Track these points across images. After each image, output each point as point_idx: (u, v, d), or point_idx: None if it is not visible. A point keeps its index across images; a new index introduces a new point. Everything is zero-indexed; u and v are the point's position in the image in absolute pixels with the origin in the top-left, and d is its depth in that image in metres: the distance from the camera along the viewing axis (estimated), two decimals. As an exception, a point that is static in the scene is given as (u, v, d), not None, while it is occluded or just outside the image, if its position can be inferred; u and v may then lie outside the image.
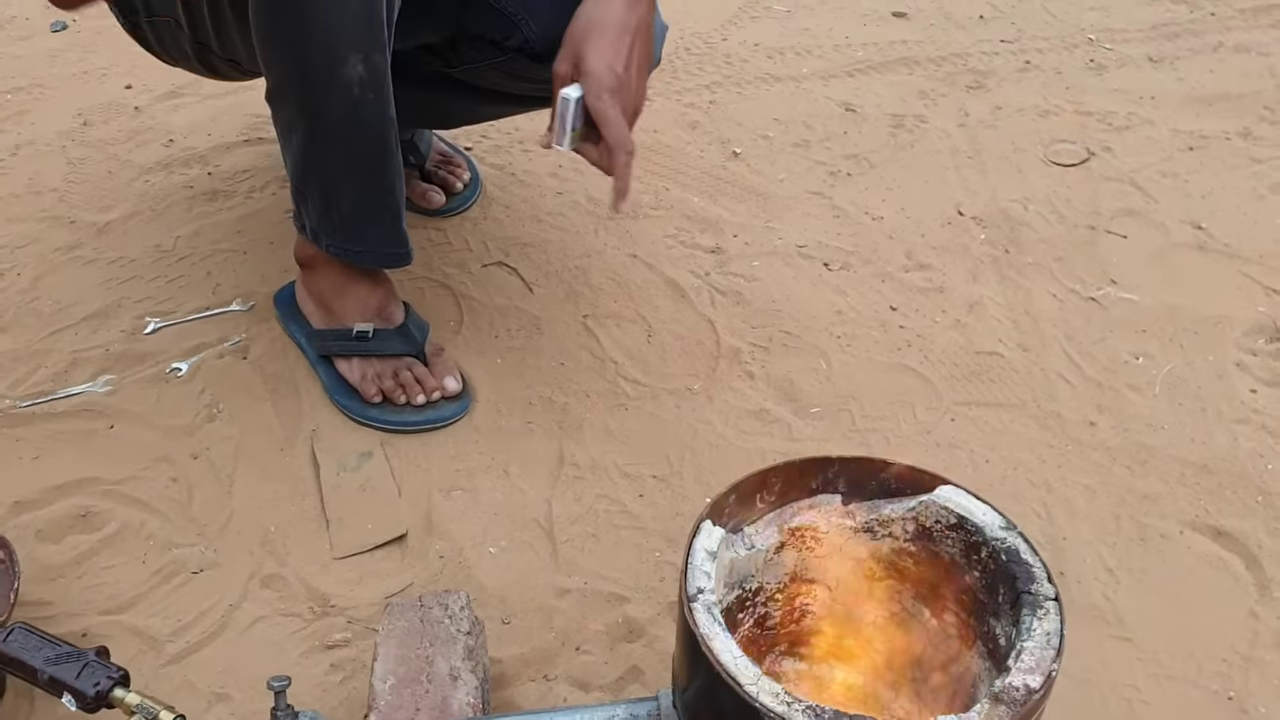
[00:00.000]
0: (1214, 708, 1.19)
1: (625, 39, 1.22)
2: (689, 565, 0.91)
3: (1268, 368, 1.57)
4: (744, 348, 1.59)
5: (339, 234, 1.39)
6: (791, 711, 0.81)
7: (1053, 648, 0.85)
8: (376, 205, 1.37)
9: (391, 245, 1.41)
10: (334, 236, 1.39)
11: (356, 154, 1.31)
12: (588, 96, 1.22)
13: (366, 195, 1.35)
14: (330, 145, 1.30)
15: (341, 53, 1.21)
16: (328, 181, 1.35)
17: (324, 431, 1.46)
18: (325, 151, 1.31)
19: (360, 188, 1.35)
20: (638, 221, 1.79)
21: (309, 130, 1.29)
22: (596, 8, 1.24)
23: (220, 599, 1.26)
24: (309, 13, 1.19)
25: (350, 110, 1.26)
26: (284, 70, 1.26)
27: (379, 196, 1.36)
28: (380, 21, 1.21)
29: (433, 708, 0.99)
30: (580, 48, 1.23)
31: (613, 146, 1.23)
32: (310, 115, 1.28)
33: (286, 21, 1.21)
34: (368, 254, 1.42)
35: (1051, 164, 1.94)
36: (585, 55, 1.22)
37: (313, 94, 1.25)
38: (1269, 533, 1.36)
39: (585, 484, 1.40)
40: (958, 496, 0.97)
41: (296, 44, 1.22)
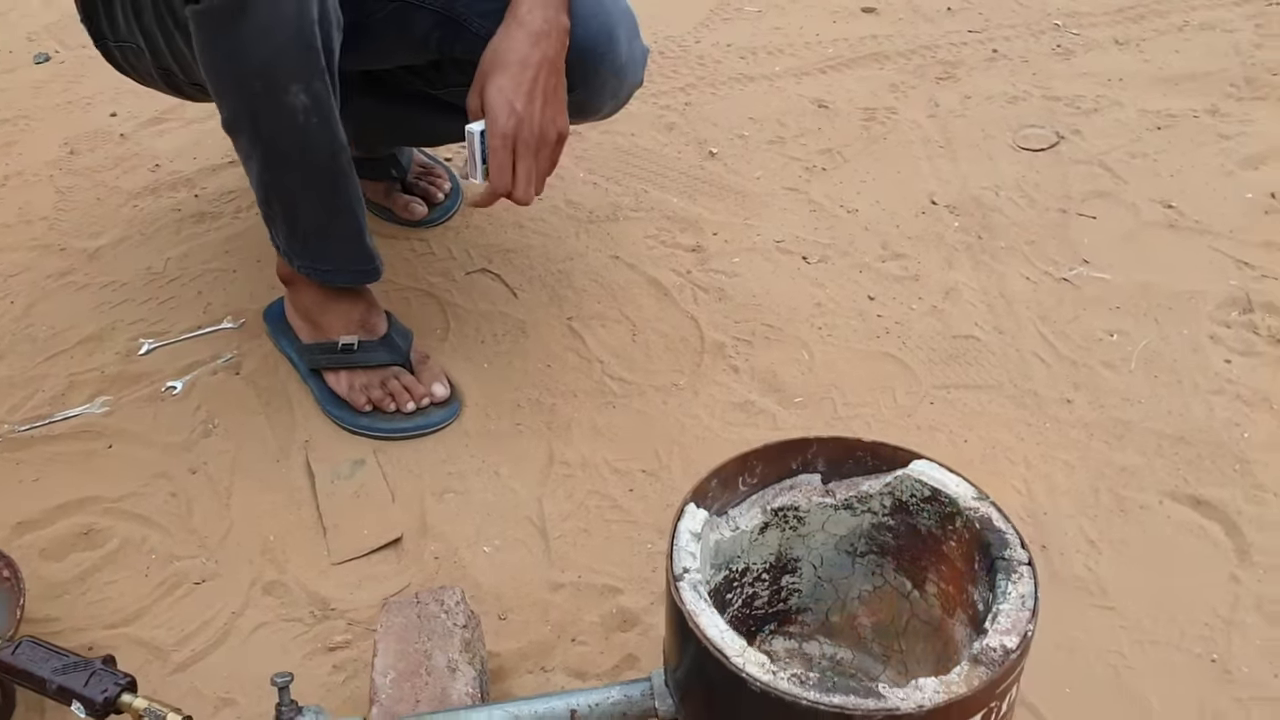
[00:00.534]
0: (1198, 670, 1.22)
1: (527, 73, 1.27)
2: (674, 546, 0.94)
3: (1241, 339, 1.61)
4: (727, 342, 1.62)
5: (307, 255, 1.43)
6: (777, 680, 0.84)
7: (1028, 609, 0.88)
8: (338, 226, 1.41)
9: (358, 263, 1.45)
10: (303, 257, 1.43)
11: (311, 179, 1.35)
12: (487, 132, 1.28)
13: (327, 217, 1.39)
14: (285, 172, 1.34)
15: (282, 82, 1.24)
16: (288, 206, 1.39)
17: (317, 442, 1.48)
18: (281, 178, 1.35)
19: (319, 211, 1.39)
20: (618, 223, 1.82)
21: (263, 158, 1.33)
22: (502, 43, 1.29)
23: (223, 607, 1.29)
24: (243, 46, 1.22)
25: (299, 138, 1.29)
26: (232, 102, 1.29)
27: (339, 218, 1.40)
28: (316, 49, 1.24)
29: (433, 698, 1.02)
30: (484, 83, 1.28)
31: (491, 184, 1.29)
32: (262, 144, 1.32)
33: (224, 56, 1.24)
34: (336, 273, 1.45)
35: (1021, 149, 1.97)
36: (486, 91, 1.27)
37: (261, 124, 1.29)
38: (1248, 499, 1.39)
39: (576, 481, 1.43)
40: (931, 470, 1.00)
41: (237, 77, 1.25)
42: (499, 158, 1.28)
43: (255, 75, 1.24)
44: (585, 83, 1.40)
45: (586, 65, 1.39)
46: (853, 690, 0.83)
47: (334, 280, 1.46)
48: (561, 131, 1.33)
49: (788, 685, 0.84)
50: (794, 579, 1.10)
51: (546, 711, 0.98)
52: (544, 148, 1.31)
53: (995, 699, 0.85)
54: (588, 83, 1.41)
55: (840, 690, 0.83)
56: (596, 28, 1.39)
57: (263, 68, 1.23)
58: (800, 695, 0.83)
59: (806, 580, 1.10)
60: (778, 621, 1.13)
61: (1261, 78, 2.12)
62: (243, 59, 1.23)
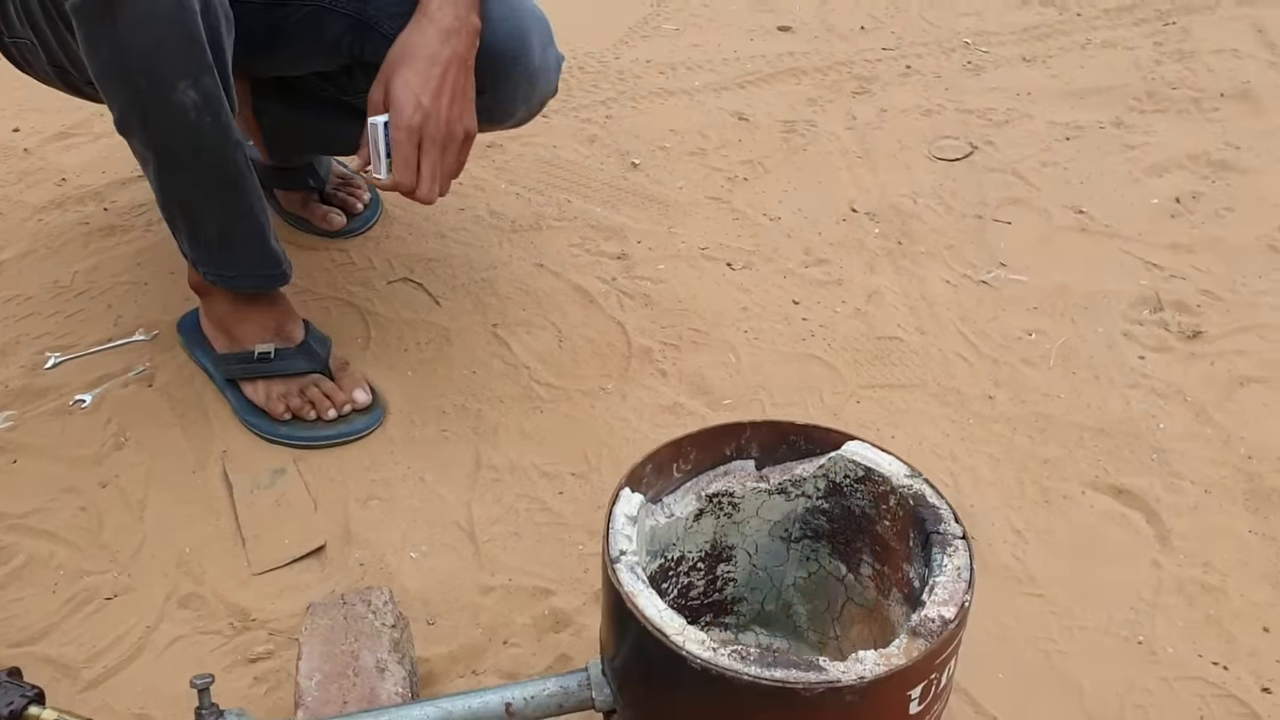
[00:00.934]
0: (1126, 652, 1.24)
1: (435, 69, 1.26)
2: (610, 530, 0.93)
3: (1154, 335, 1.65)
4: (655, 347, 1.61)
5: (211, 261, 1.39)
6: (718, 656, 0.83)
7: (964, 580, 0.88)
8: (239, 230, 1.37)
9: (264, 267, 1.42)
10: (208, 264, 1.40)
11: (207, 180, 1.31)
12: (391, 126, 1.26)
13: (226, 220, 1.36)
14: (180, 173, 1.30)
15: (168, 79, 1.20)
16: (186, 209, 1.35)
17: (235, 452, 1.44)
18: (177, 180, 1.31)
19: (218, 213, 1.35)
20: (542, 232, 1.81)
21: (157, 160, 1.29)
22: (411, 38, 1.27)
23: (137, 622, 1.24)
24: (123, 40, 1.18)
25: (190, 137, 1.25)
26: (119, 101, 1.24)
27: (239, 221, 1.36)
28: (201, 43, 1.20)
29: (361, 699, 0.99)
30: (390, 76, 1.26)
31: (395, 179, 1.27)
32: (154, 146, 1.28)
33: (107, 51, 1.20)
34: (242, 278, 1.42)
35: (937, 159, 2.01)
36: (392, 84, 1.26)
37: (151, 124, 1.25)
38: (1166, 487, 1.42)
39: (504, 485, 1.40)
40: (864, 450, 1.00)
41: (122, 73, 1.21)
42: (403, 151, 1.26)
43: (139, 71, 1.20)
44: (495, 86, 1.39)
45: (498, 68, 1.38)
46: (794, 664, 0.82)
47: (240, 286, 1.42)
48: (469, 130, 1.31)
49: (728, 661, 0.82)
50: (729, 568, 1.09)
51: (480, 706, 0.95)
52: (450, 145, 1.29)
53: (935, 670, 0.85)
54: (498, 86, 1.40)
55: (781, 665, 0.82)
56: (509, 31, 1.38)
57: (145, 62, 1.19)
58: (741, 670, 0.82)
59: (742, 569, 1.09)
60: (713, 612, 1.11)
61: (1162, 91, 2.19)
62: (124, 54, 1.19)
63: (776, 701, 0.82)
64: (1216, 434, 1.49)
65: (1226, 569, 1.32)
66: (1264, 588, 1.30)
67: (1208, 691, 1.19)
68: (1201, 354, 1.60)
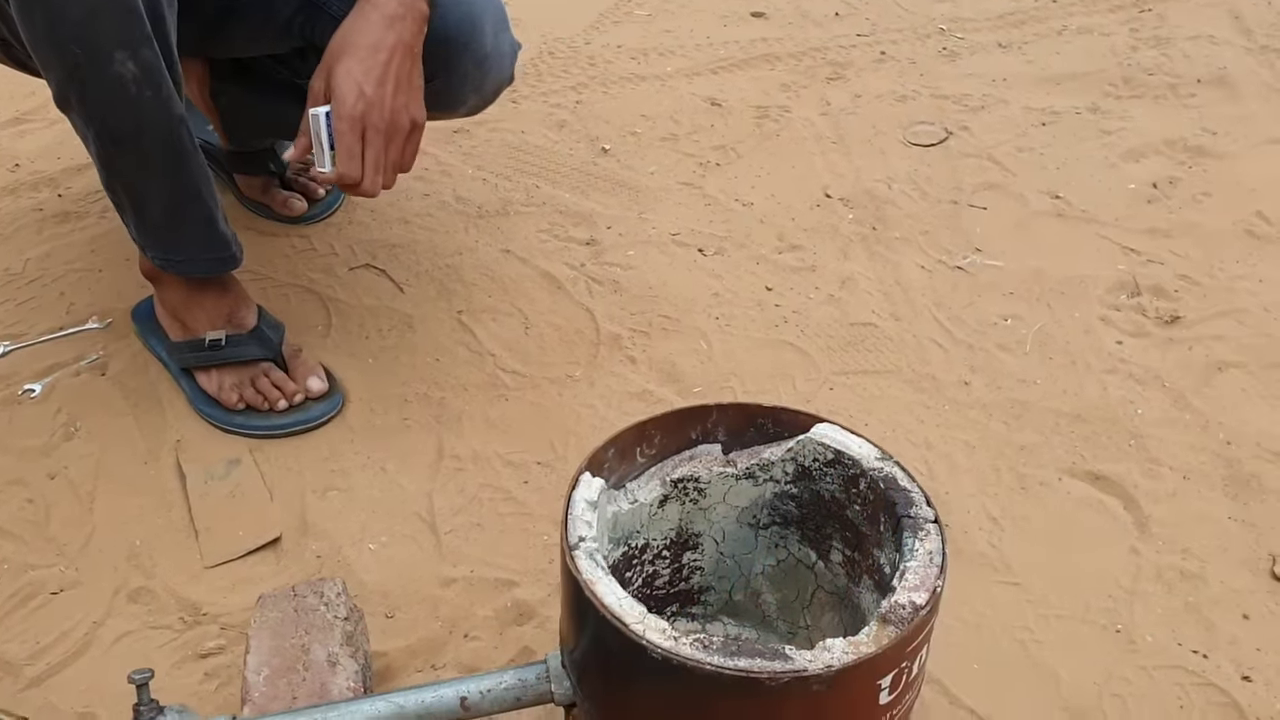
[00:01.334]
0: (1103, 641, 1.21)
1: (378, 58, 1.21)
2: (569, 516, 0.89)
3: (1131, 320, 1.62)
4: (624, 334, 1.58)
5: (158, 245, 1.34)
6: (679, 646, 0.79)
7: (936, 565, 0.85)
8: (185, 210, 1.32)
9: (212, 250, 1.37)
10: (155, 248, 1.35)
11: (150, 157, 1.25)
12: (333, 115, 1.21)
13: (172, 200, 1.30)
14: (122, 150, 1.24)
15: (104, 48, 1.15)
16: (131, 190, 1.30)
17: (189, 442, 1.39)
18: (119, 158, 1.26)
19: (164, 193, 1.30)
20: (509, 218, 1.77)
21: (97, 136, 1.23)
22: (354, 25, 1.22)
23: (83, 617, 1.19)
24: (58, 8, 1.13)
25: (131, 112, 1.20)
26: (57, 73, 1.19)
27: (186, 200, 1.31)
28: (138, 12, 1.15)
29: (311, 695, 0.95)
30: (332, 65, 1.21)
31: (340, 171, 1.22)
32: (95, 122, 1.22)
33: (40, 20, 1.15)
34: (190, 262, 1.36)
35: (912, 145, 1.98)
36: (334, 73, 1.20)
37: (89, 95, 1.19)
38: (1143, 473, 1.39)
39: (467, 475, 1.36)
40: (833, 432, 0.97)
41: (56, 43, 1.16)
42: (346, 142, 1.20)
43: (73, 40, 1.14)
44: (445, 72, 1.35)
45: (449, 54, 1.34)
46: (758, 653, 0.78)
47: (189, 271, 1.37)
48: (415, 119, 1.25)
49: (690, 650, 0.79)
50: (696, 555, 1.05)
51: (434, 701, 0.91)
52: (396, 135, 1.23)
53: (906, 658, 0.81)
54: (449, 72, 1.35)
55: (745, 654, 0.78)
56: (460, 16, 1.33)
57: (80, 31, 1.14)
58: (703, 660, 0.78)
59: (709, 557, 1.05)
60: (680, 602, 1.08)
61: (1138, 77, 2.17)
62: (58, 22, 1.14)
63: (740, 692, 0.78)
64: (1195, 419, 1.46)
65: (1206, 556, 1.30)
66: (1243, 574, 1.27)
67: (1187, 680, 1.17)
68: (1179, 339, 1.58)
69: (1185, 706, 1.15)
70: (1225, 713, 1.14)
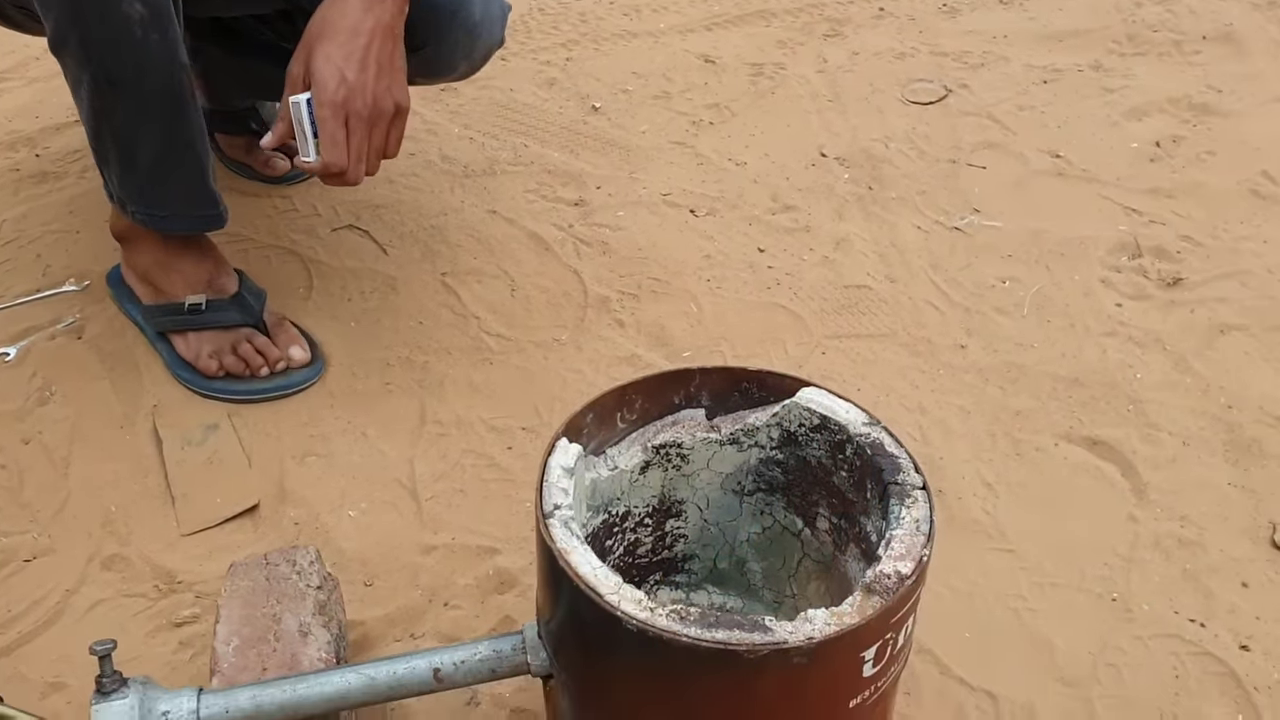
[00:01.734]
0: (1099, 609, 1.18)
1: (358, 41, 1.16)
2: (544, 483, 0.86)
3: (1132, 283, 1.58)
4: (612, 296, 1.54)
5: (142, 198, 1.30)
6: (654, 617, 0.76)
7: (923, 533, 0.82)
8: (177, 161, 1.28)
9: (200, 206, 1.32)
10: (138, 202, 1.30)
11: (147, 102, 1.21)
12: (314, 103, 1.16)
13: (164, 150, 1.26)
14: (119, 94, 1.20)
15: None
16: (121, 136, 1.25)
17: (166, 406, 1.36)
18: (114, 102, 1.21)
19: (157, 141, 1.25)
20: (496, 178, 1.73)
21: (93, 79, 1.19)
22: (331, 8, 1.17)
23: (56, 585, 1.17)
24: None
25: (134, 54, 1.16)
26: (58, 11, 1.15)
27: (178, 151, 1.27)
28: None
29: (281, 665, 0.92)
30: (311, 50, 1.17)
31: (325, 160, 1.18)
32: (93, 61, 1.17)
33: None
34: (175, 218, 1.32)
35: (910, 103, 1.93)
36: (313, 59, 1.16)
37: (91, 35, 1.15)
38: (1142, 439, 1.36)
39: (450, 440, 1.33)
40: (820, 397, 0.93)
41: None
42: (329, 129, 1.16)
43: None
44: (434, 40, 1.30)
45: (437, 21, 1.29)
46: (737, 625, 0.76)
47: (173, 228, 1.33)
48: (400, 103, 1.20)
49: (666, 622, 0.76)
50: (679, 523, 1.02)
51: (406, 672, 0.88)
52: (379, 121, 1.19)
53: (890, 630, 0.79)
54: (439, 40, 1.31)
55: (723, 625, 0.76)
56: None
57: None
58: (680, 632, 0.75)
59: (692, 524, 1.02)
60: (663, 571, 1.05)
61: (1143, 34, 2.12)
62: None
63: (718, 664, 0.75)
64: (1196, 383, 1.43)
65: (1205, 523, 1.27)
66: (1243, 542, 1.25)
67: (1183, 649, 1.14)
68: (1181, 301, 1.54)
69: (1181, 676, 1.12)
70: (1222, 682, 1.12)
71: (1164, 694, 1.11)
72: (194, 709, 0.85)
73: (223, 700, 0.86)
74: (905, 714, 1.08)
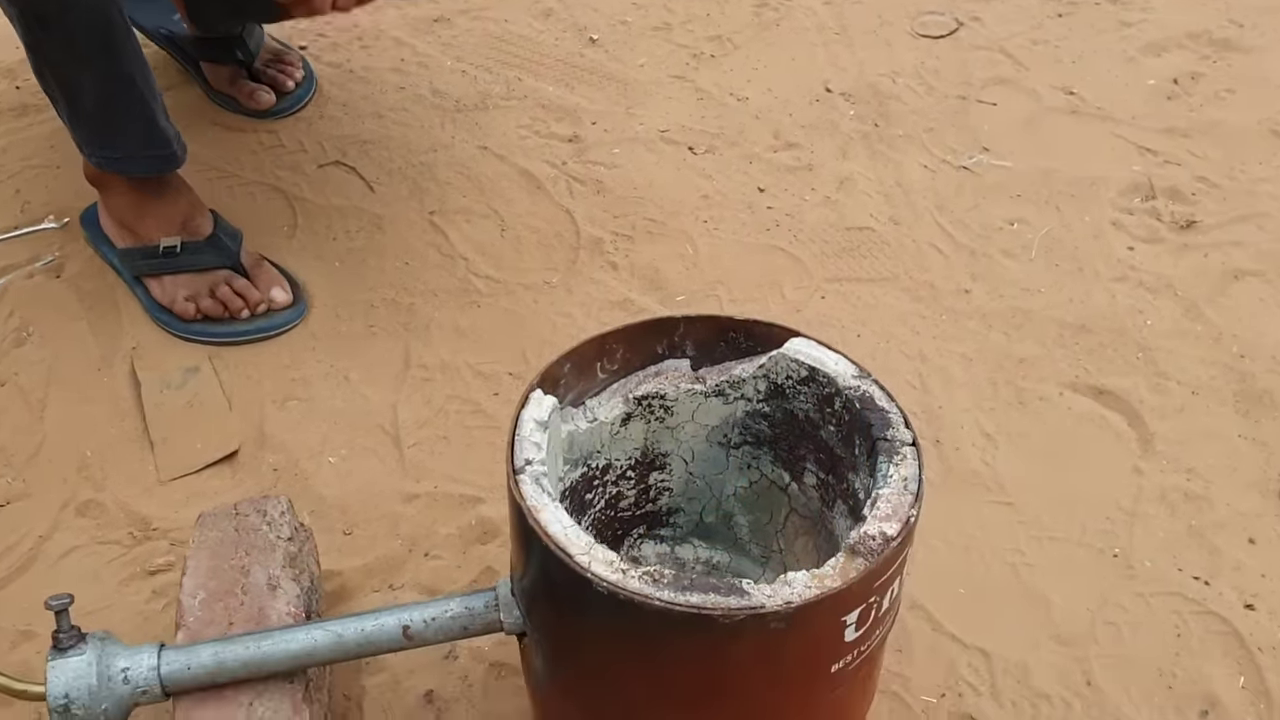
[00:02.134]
0: (1099, 565, 1.15)
1: None
2: (516, 437, 0.82)
3: (1144, 225, 1.53)
4: (605, 237, 1.49)
5: (94, 141, 1.26)
6: (626, 579, 0.73)
7: (910, 493, 0.78)
8: (121, 101, 1.23)
9: (152, 147, 1.28)
10: (92, 145, 1.27)
11: (76, 40, 1.16)
12: None
13: (104, 90, 1.21)
14: (49, 30, 1.15)
15: None
16: (61, 77, 1.21)
17: (145, 348, 1.33)
18: (46, 39, 1.17)
19: (96, 81, 1.21)
20: (487, 113, 1.67)
21: (22, 16, 1.14)
22: None
23: (29, 531, 1.14)
24: None
25: None
26: None
27: (120, 91, 1.22)
28: None
29: (248, 620, 0.89)
30: None
31: None
32: None
33: None
34: (128, 160, 1.28)
35: (920, 36, 1.86)
36: None
37: None
38: (1151, 388, 1.32)
39: (434, 386, 1.30)
40: (808, 348, 0.89)
41: None
42: None
43: None
44: None
45: None
46: (712, 588, 0.72)
47: (129, 169, 1.29)
48: None
49: (638, 584, 0.72)
50: (663, 476, 0.98)
51: (375, 629, 0.85)
52: None
53: (874, 593, 0.75)
54: None
55: (698, 589, 0.72)
56: None
57: None
58: (652, 595, 0.72)
59: (677, 477, 0.99)
60: (647, 524, 1.02)
61: (1165, -36, 2.03)
62: None
63: (692, 628, 0.72)
64: (1207, 331, 1.38)
65: (1212, 476, 1.23)
66: (1252, 496, 1.21)
67: (1186, 608, 1.11)
68: (1194, 245, 1.49)
69: (1183, 635, 1.09)
70: (1225, 642, 1.08)
71: (1164, 653, 1.07)
72: (154, 665, 0.83)
73: (184, 657, 0.84)
74: (895, 671, 1.05)
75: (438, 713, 1.00)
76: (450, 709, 1.00)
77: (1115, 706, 1.03)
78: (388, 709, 1.00)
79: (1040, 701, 1.04)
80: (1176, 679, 1.05)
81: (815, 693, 0.80)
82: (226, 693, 0.85)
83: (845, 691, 0.82)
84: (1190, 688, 1.05)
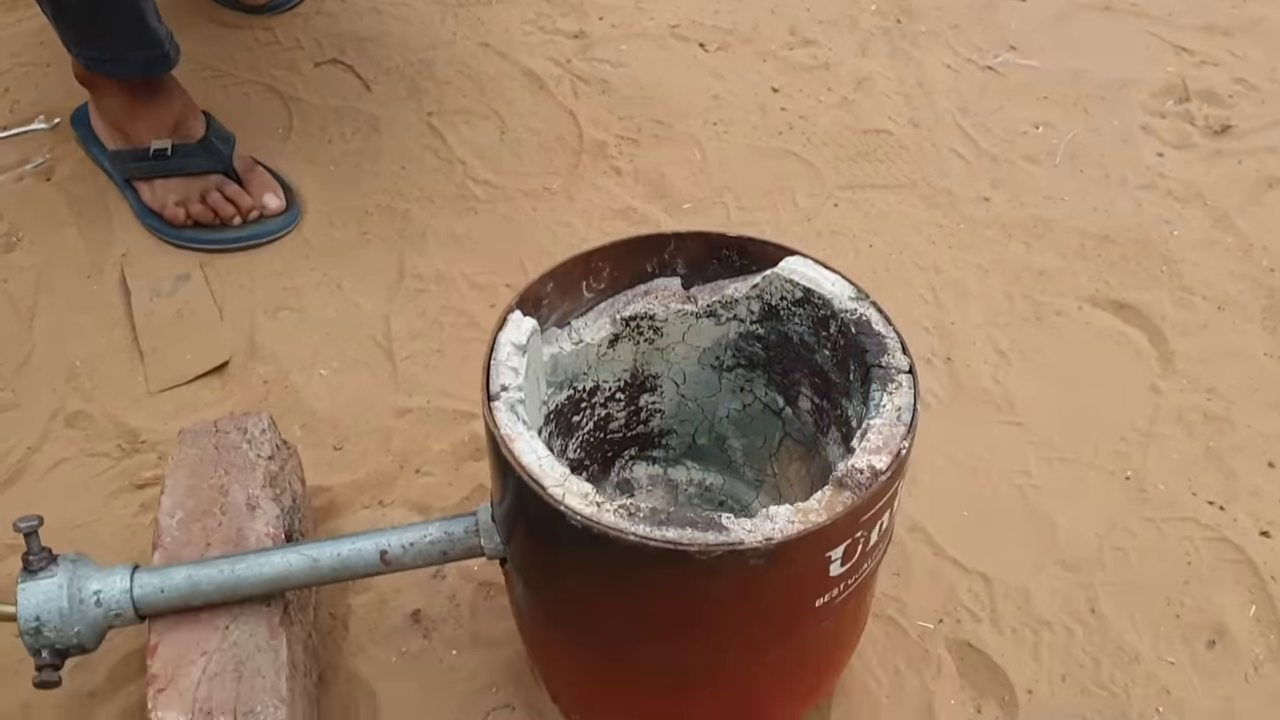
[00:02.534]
0: (1110, 488, 1.11)
1: None
2: (492, 362, 0.79)
3: (1176, 129, 1.45)
4: (610, 141, 1.44)
5: (82, 42, 1.21)
6: (600, 513, 0.70)
7: (903, 424, 0.74)
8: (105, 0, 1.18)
9: (142, 47, 1.22)
10: (79, 45, 1.22)
11: None
12: None
13: None
14: None
15: None
16: None
17: (136, 255, 1.30)
18: None
19: None
20: (489, 7, 1.60)
21: None
22: None
23: (17, 442, 1.13)
24: None
25: None
26: None
27: None
28: None
29: (226, 541, 0.87)
30: None
31: None
32: None
33: None
34: (117, 61, 1.23)
35: (949, -76, 1.76)
36: None
37: None
38: (1174, 303, 1.26)
39: (429, 296, 1.26)
40: (804, 267, 0.84)
41: None
42: None
43: None
44: None
45: None
46: (690, 523, 0.69)
47: (119, 71, 1.24)
48: None
49: (613, 519, 0.69)
50: (654, 398, 0.95)
51: (351, 554, 0.83)
52: None
53: (861, 528, 0.72)
54: None
55: (675, 523, 0.69)
56: None
57: None
58: (626, 530, 0.69)
59: (668, 399, 0.95)
60: (639, 446, 0.99)
61: None
62: None
63: (667, 563, 0.69)
64: (1237, 243, 1.32)
65: (1233, 396, 1.18)
66: (1273, 418, 1.16)
67: (1198, 534, 1.07)
68: (1228, 151, 1.41)
69: (1194, 562, 1.05)
70: (1237, 570, 1.05)
71: (1173, 581, 1.04)
72: (127, 588, 0.81)
73: (157, 579, 0.82)
74: (892, 595, 1.02)
75: (425, 632, 0.99)
76: (438, 628, 0.99)
77: (1118, 634, 1.00)
78: (374, 628, 0.99)
79: (1041, 628, 1.01)
80: (1184, 607, 1.02)
81: (799, 626, 0.77)
82: (202, 615, 0.83)
83: (832, 624, 0.80)
84: (1198, 616, 1.02)
